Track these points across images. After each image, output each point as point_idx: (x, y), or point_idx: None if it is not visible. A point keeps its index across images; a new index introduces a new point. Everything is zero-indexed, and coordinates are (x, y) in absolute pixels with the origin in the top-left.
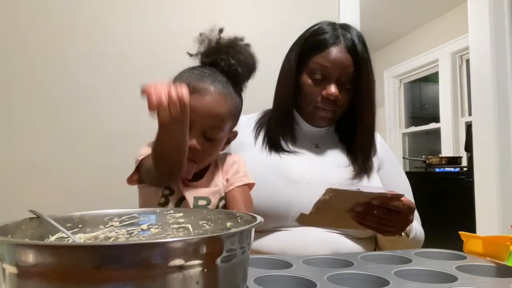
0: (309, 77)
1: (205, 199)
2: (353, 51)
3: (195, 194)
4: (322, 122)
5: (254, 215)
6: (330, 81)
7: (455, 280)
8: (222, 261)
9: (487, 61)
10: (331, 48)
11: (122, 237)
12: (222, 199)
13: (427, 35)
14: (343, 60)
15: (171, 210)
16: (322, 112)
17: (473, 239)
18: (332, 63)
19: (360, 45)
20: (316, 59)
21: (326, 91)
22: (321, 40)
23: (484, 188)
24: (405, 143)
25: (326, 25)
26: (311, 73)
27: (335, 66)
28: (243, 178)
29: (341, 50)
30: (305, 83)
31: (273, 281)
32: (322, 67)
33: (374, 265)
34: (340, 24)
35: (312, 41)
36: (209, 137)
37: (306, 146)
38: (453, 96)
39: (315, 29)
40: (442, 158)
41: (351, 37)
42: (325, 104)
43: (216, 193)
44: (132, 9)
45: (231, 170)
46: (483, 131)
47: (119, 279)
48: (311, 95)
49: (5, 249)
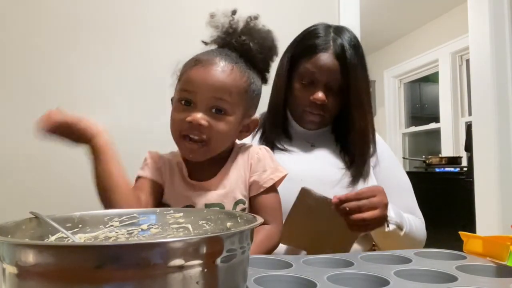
0: (299, 81)
1: (217, 206)
2: (341, 57)
3: (207, 200)
4: (311, 125)
5: (254, 215)
6: (317, 87)
7: (455, 280)
8: (222, 261)
9: (487, 61)
10: (320, 54)
11: (122, 237)
12: (240, 203)
13: (427, 35)
14: (330, 66)
15: (171, 210)
16: (309, 116)
17: (473, 239)
18: (319, 69)
19: (350, 50)
20: (305, 64)
21: (313, 96)
22: (311, 45)
23: (484, 188)
24: (405, 143)
25: (320, 29)
26: (301, 78)
27: (323, 72)
28: (272, 176)
29: (329, 56)
30: (295, 87)
31: (273, 281)
32: (310, 73)
33: (374, 265)
34: (335, 27)
35: (303, 45)
36: (216, 112)
37: (301, 145)
38: (453, 96)
39: (308, 32)
40: (442, 158)
41: (341, 42)
42: (313, 109)
43: (230, 196)
44: (132, 9)
45: (258, 170)
46: (483, 131)
47: (119, 279)
48: (300, 99)
49: (5, 249)
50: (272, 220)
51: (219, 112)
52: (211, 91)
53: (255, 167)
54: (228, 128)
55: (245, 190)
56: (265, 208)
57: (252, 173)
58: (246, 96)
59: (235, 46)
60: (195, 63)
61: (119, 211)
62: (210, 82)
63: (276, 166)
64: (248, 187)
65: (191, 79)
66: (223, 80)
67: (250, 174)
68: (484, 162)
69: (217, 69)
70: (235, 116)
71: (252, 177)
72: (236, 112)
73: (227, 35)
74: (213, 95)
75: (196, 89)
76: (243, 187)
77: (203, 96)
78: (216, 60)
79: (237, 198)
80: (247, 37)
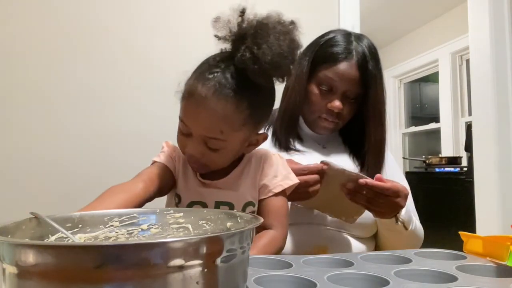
0: (317, 87)
1: (227, 205)
2: (363, 67)
3: (217, 198)
4: (324, 131)
5: (255, 215)
6: (336, 95)
7: (455, 280)
8: (222, 261)
9: (487, 61)
10: (342, 62)
11: (122, 237)
12: (249, 205)
13: (427, 35)
14: (352, 77)
15: (171, 210)
16: (324, 122)
17: (473, 239)
18: (340, 77)
19: (372, 61)
20: (326, 71)
21: (331, 104)
22: (333, 53)
23: (484, 188)
24: (405, 143)
25: (340, 36)
26: (319, 84)
27: (343, 81)
28: (281, 183)
29: (351, 66)
30: (312, 92)
31: (273, 281)
32: (330, 80)
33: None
34: (355, 34)
35: (325, 51)
36: (211, 147)
37: (313, 147)
38: (453, 96)
39: (329, 38)
40: (442, 158)
41: (363, 51)
42: (329, 116)
43: (241, 197)
44: (133, 9)
45: (269, 175)
46: (483, 131)
47: (119, 279)
48: (316, 105)
49: (5, 249)
50: (277, 224)
51: (213, 146)
52: (201, 130)
53: (267, 171)
54: (225, 155)
55: (255, 193)
56: (272, 212)
57: (263, 176)
58: (248, 121)
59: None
60: (188, 95)
61: (119, 211)
62: (200, 122)
63: (287, 173)
64: (258, 190)
65: (185, 112)
66: (215, 119)
67: (261, 177)
68: (484, 162)
69: (208, 106)
70: (234, 143)
71: (263, 180)
72: (235, 139)
73: (236, 41)
74: (205, 134)
75: (189, 125)
76: (253, 190)
77: (196, 133)
78: (209, 95)
79: (247, 199)
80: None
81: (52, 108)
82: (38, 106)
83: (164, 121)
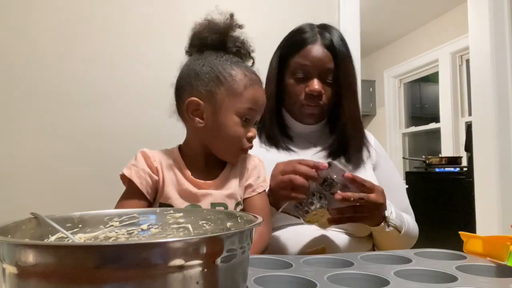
0: (292, 77)
1: (222, 205)
2: (331, 47)
3: (212, 199)
4: (310, 119)
5: (255, 215)
6: (311, 78)
7: (455, 280)
8: (222, 261)
9: (487, 61)
10: (309, 46)
11: (122, 237)
12: (239, 205)
13: (427, 35)
14: (322, 57)
15: (171, 210)
16: (308, 109)
17: (473, 239)
18: (311, 60)
19: (338, 41)
20: (296, 59)
21: (308, 88)
22: (299, 40)
23: (484, 188)
24: (405, 143)
25: (304, 25)
26: (293, 73)
27: (315, 63)
28: (263, 184)
29: (319, 47)
30: (288, 84)
31: (273, 281)
32: (303, 66)
33: (374, 265)
34: (319, 24)
35: (291, 41)
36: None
37: (303, 145)
38: (453, 96)
39: (293, 31)
40: (442, 158)
41: (328, 35)
42: (310, 101)
43: (231, 197)
44: (132, 9)
45: (253, 175)
46: (483, 131)
47: (119, 279)
48: (295, 94)
49: (5, 249)
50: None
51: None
52: (262, 110)
53: (251, 172)
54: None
55: (242, 193)
56: (257, 209)
57: (248, 177)
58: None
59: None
60: (252, 82)
61: (119, 211)
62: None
63: (265, 177)
64: (243, 190)
65: (257, 99)
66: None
67: (247, 177)
68: (484, 162)
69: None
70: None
71: (248, 180)
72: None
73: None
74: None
75: (259, 109)
76: (241, 190)
77: (258, 114)
78: (259, 79)
79: (238, 199)
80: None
81: (52, 108)
82: (38, 106)
83: (164, 121)
